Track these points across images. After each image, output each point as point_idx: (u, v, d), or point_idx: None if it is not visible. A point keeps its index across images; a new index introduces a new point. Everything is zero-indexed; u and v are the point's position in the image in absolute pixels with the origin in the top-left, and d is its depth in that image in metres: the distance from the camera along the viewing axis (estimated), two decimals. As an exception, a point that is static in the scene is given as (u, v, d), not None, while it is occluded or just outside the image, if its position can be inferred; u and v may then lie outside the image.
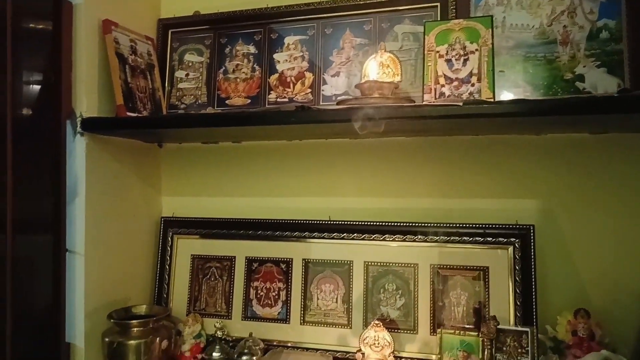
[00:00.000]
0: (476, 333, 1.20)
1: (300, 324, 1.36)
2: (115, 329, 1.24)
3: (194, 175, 1.53)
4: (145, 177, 1.47)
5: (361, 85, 1.11)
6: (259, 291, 1.41)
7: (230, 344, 1.31)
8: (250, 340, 1.24)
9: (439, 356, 1.20)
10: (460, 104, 0.94)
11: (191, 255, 1.47)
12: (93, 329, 1.23)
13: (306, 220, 1.39)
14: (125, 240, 1.38)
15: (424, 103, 1.08)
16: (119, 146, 1.34)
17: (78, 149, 1.20)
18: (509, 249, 1.23)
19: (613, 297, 1.21)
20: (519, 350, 1.19)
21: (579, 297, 1.21)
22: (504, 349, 1.19)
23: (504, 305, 1.21)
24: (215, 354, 1.23)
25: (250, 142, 1.47)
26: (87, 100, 1.20)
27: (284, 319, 1.37)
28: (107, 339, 1.21)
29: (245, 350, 1.21)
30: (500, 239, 1.24)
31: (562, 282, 1.24)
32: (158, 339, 1.23)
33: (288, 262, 1.40)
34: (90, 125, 1.19)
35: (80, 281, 1.21)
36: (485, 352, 1.08)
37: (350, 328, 1.32)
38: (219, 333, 1.31)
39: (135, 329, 1.22)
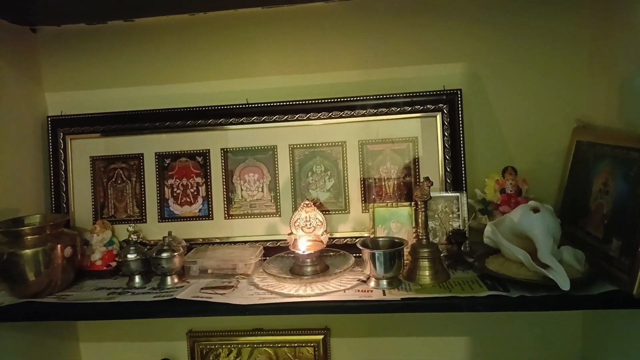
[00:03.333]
0: (408, 204, 1.17)
1: (225, 218, 1.25)
2: (4, 239, 1.05)
3: (82, 64, 1.30)
4: (20, 69, 1.23)
5: None
6: (175, 189, 1.27)
7: (148, 248, 1.18)
8: (170, 238, 1.12)
9: (372, 230, 1.16)
10: None
11: (90, 157, 1.28)
12: (-25, 244, 1.03)
13: (221, 105, 1.24)
14: (5, 143, 1.16)
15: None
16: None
17: None
18: (437, 116, 1.19)
19: (537, 157, 1.22)
20: (450, 215, 1.18)
21: (506, 160, 1.21)
22: (436, 216, 1.18)
23: (434, 174, 1.18)
24: (130, 255, 1.10)
25: (145, 19, 1.25)
26: None
27: (206, 215, 1.26)
28: (-6, 253, 1.03)
29: (165, 247, 1.09)
30: (429, 106, 1.19)
31: (489, 146, 1.24)
32: (59, 246, 1.07)
33: (205, 154, 1.26)
34: None
35: (-54, 187, 0.99)
36: (420, 216, 1.04)
37: (280, 216, 1.24)
38: (134, 237, 1.16)
39: (29, 237, 1.04)
